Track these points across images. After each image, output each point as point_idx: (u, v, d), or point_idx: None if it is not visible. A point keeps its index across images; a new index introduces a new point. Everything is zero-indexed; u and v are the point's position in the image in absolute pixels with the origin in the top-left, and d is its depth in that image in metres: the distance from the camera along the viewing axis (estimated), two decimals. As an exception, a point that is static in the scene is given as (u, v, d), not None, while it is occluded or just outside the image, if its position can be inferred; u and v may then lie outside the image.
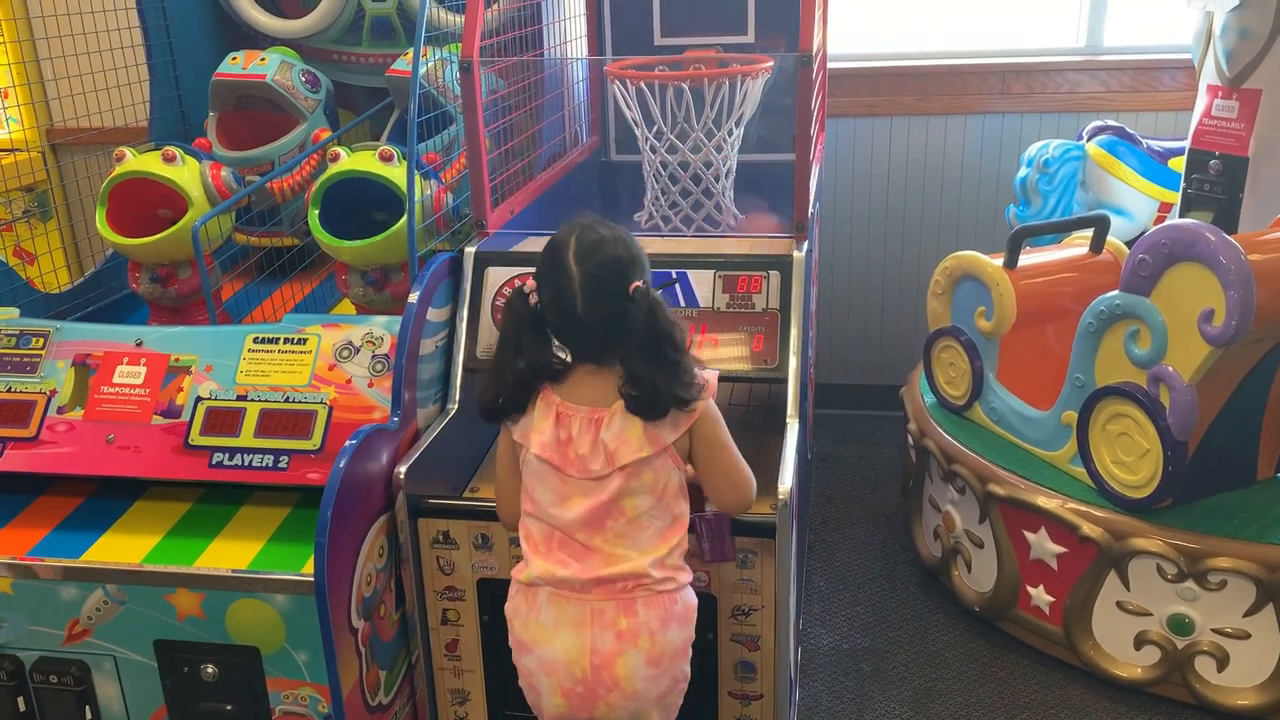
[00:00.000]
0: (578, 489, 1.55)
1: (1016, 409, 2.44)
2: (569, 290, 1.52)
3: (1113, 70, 3.22)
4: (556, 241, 1.56)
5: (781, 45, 2.76)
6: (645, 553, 1.55)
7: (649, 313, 1.52)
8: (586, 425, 1.55)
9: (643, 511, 1.55)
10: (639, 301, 1.52)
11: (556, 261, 1.54)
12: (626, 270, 1.54)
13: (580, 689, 1.54)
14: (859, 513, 3.01)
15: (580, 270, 1.52)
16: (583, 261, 1.53)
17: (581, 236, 1.55)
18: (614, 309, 1.52)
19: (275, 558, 1.79)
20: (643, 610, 1.54)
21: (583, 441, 1.54)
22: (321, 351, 1.99)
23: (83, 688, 1.82)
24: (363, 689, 1.79)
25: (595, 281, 1.52)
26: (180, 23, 2.78)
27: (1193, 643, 2.15)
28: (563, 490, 1.56)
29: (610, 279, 1.53)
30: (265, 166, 2.56)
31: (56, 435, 1.97)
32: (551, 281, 1.55)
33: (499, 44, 2.32)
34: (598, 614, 1.53)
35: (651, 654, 1.54)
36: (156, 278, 2.43)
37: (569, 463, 1.55)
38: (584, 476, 1.54)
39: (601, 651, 1.53)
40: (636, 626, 1.53)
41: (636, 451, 1.53)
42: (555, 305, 1.54)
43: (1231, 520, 2.15)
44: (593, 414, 1.55)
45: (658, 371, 1.51)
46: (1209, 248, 1.97)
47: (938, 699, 2.28)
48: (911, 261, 3.46)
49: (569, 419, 1.56)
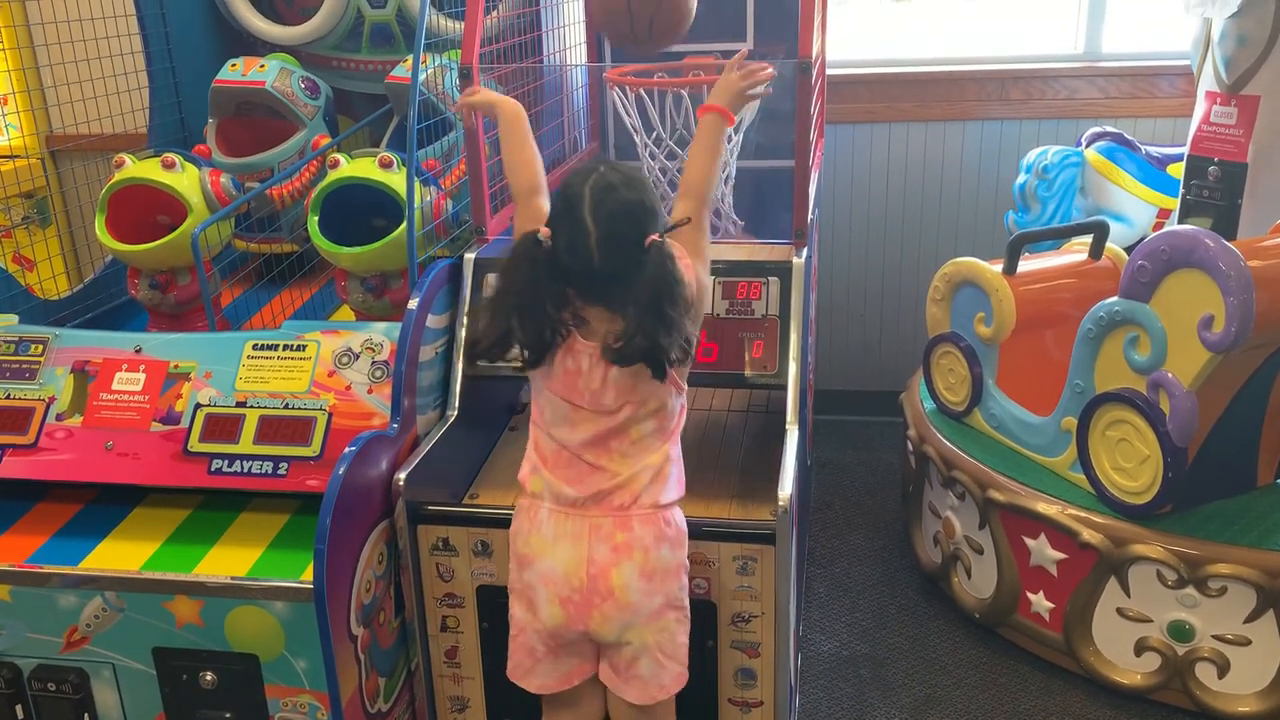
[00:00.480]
0: (588, 417, 1.59)
1: (1016, 415, 2.44)
2: (585, 245, 1.52)
3: (1111, 76, 3.22)
4: (570, 191, 1.56)
5: (780, 52, 2.76)
6: (645, 462, 1.60)
7: (659, 266, 1.52)
8: (596, 360, 1.56)
9: (648, 434, 1.61)
10: (653, 254, 1.52)
11: (572, 215, 1.54)
12: (642, 222, 1.54)
13: (577, 597, 1.59)
14: (859, 519, 3.01)
15: (596, 226, 1.52)
16: (598, 213, 1.52)
17: (595, 185, 1.54)
18: (630, 260, 1.52)
19: (274, 565, 1.78)
20: (638, 526, 1.59)
21: (594, 377, 1.57)
22: (321, 358, 1.98)
23: (81, 695, 1.82)
24: (362, 696, 1.79)
25: (611, 237, 1.52)
26: (180, 29, 2.78)
27: (1193, 649, 2.15)
28: (572, 416, 1.60)
29: (626, 231, 1.53)
30: (265, 173, 2.56)
31: (55, 442, 1.97)
32: (566, 232, 1.54)
33: (498, 50, 2.32)
34: (595, 528, 1.59)
35: (645, 568, 1.59)
36: (156, 284, 2.43)
37: (578, 394, 1.58)
38: (595, 409, 1.59)
39: (598, 562, 1.58)
40: (631, 540, 1.58)
41: (649, 385, 1.57)
42: (570, 254, 1.54)
43: (1231, 526, 2.15)
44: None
45: (648, 327, 1.50)
46: (1208, 254, 1.97)
47: (938, 705, 2.27)
48: (911, 267, 3.46)
49: (579, 353, 1.57)
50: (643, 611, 1.59)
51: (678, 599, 1.64)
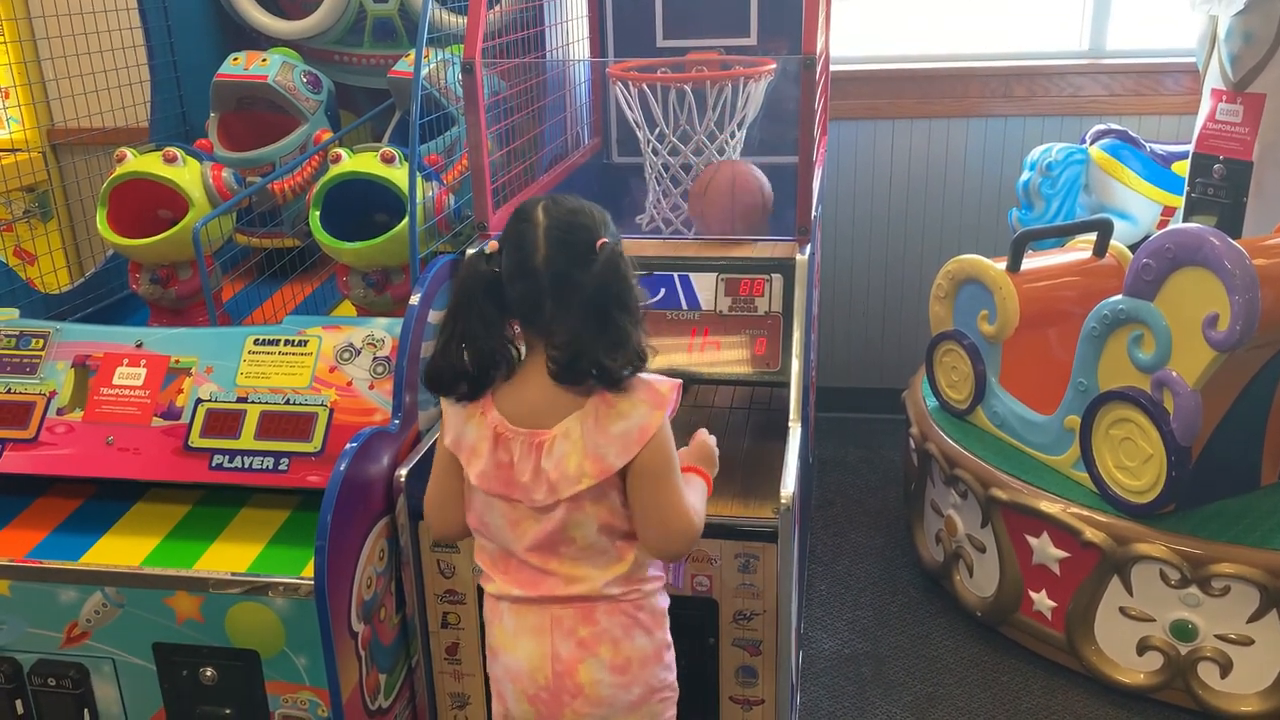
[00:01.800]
0: (528, 515, 1.43)
1: (1019, 413, 2.44)
2: (532, 239, 1.38)
3: (1116, 74, 3.21)
4: (524, 208, 1.44)
5: (784, 48, 2.76)
6: (605, 570, 1.45)
7: (608, 266, 1.38)
8: (527, 450, 1.41)
9: (591, 538, 1.43)
10: (603, 256, 1.38)
11: (523, 213, 1.43)
12: (595, 226, 1.41)
13: (545, 695, 1.46)
14: (860, 517, 3.01)
15: (547, 218, 1.39)
16: (551, 212, 1.40)
17: (554, 195, 1.45)
18: (575, 261, 1.38)
19: (275, 561, 1.78)
20: (604, 619, 1.45)
21: (524, 468, 1.40)
22: (322, 353, 1.98)
23: (81, 690, 1.82)
24: (363, 693, 1.79)
25: (561, 229, 1.39)
26: (181, 23, 2.78)
27: (1196, 649, 2.14)
28: (511, 515, 1.44)
29: (577, 229, 1.40)
30: (266, 168, 2.56)
31: (56, 437, 1.96)
32: (514, 231, 1.42)
33: (501, 45, 2.31)
34: (557, 621, 1.45)
35: (615, 662, 1.45)
36: (157, 279, 2.43)
37: (514, 488, 1.42)
38: (530, 505, 1.42)
39: (563, 658, 1.45)
40: (598, 634, 1.45)
41: (575, 484, 1.39)
42: (514, 256, 1.40)
43: (1235, 526, 2.14)
44: (533, 437, 1.40)
45: (591, 332, 1.36)
46: (1213, 252, 1.96)
47: (939, 704, 2.27)
48: (914, 265, 3.45)
49: (508, 441, 1.42)
50: (619, 705, 1.47)
51: (661, 681, 1.50)
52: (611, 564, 1.45)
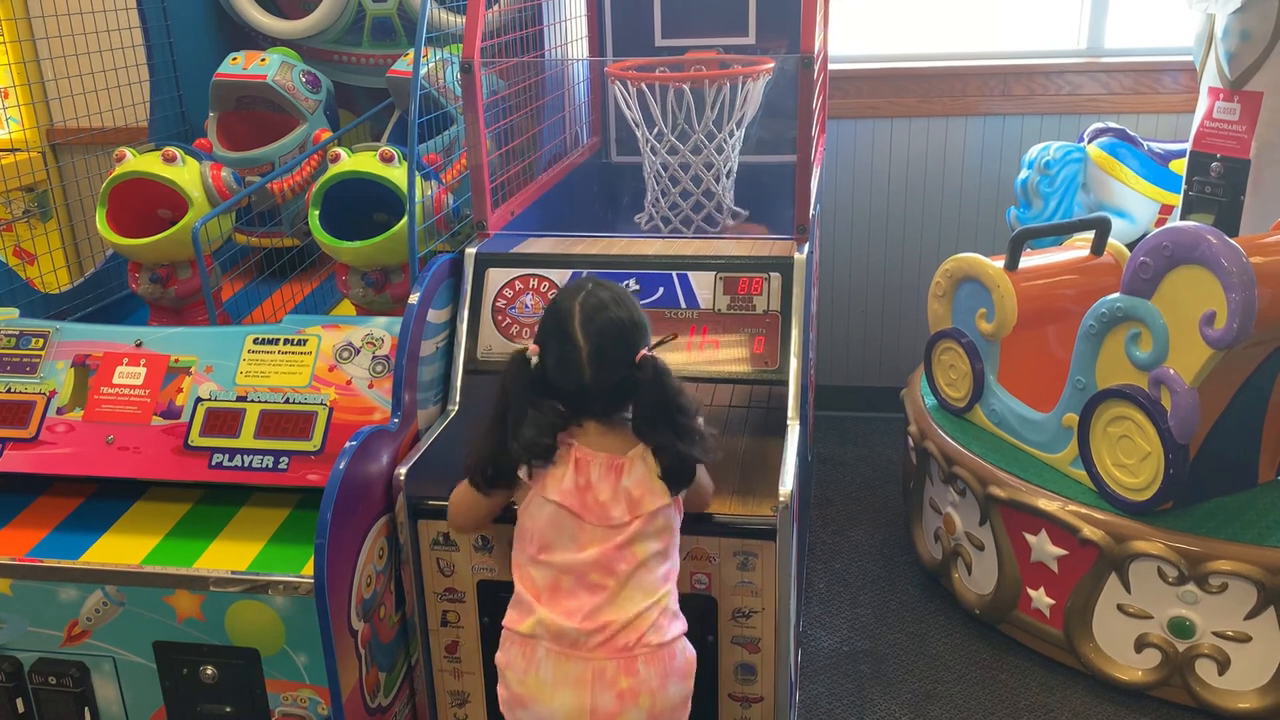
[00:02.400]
0: (593, 535, 1.55)
1: (1017, 411, 2.44)
2: (577, 361, 1.54)
3: (1114, 72, 3.22)
4: (559, 309, 1.58)
5: (782, 47, 2.76)
6: (649, 594, 1.55)
7: (655, 379, 1.55)
8: (606, 472, 1.56)
9: (651, 554, 1.56)
10: (645, 369, 1.55)
11: (561, 329, 1.56)
12: (633, 338, 1.57)
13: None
14: (859, 515, 3.01)
15: (587, 341, 1.54)
16: (588, 329, 1.54)
17: (585, 302, 1.56)
18: (621, 377, 1.55)
19: (275, 559, 1.78)
20: (643, 669, 1.53)
21: (603, 488, 1.55)
22: (321, 352, 1.98)
23: (82, 689, 1.82)
24: (362, 691, 1.79)
25: (602, 352, 1.54)
26: (181, 23, 2.78)
27: (1193, 646, 2.15)
28: (580, 536, 1.56)
29: (617, 347, 1.55)
30: (265, 167, 2.56)
31: (56, 436, 1.96)
32: (556, 350, 1.56)
33: (500, 45, 2.31)
34: (599, 673, 1.52)
35: (652, 712, 1.54)
36: (156, 278, 2.43)
37: (588, 510, 1.55)
38: (602, 524, 1.55)
39: (602, 711, 1.52)
40: (637, 686, 1.53)
41: (660, 499, 1.56)
42: (561, 372, 1.56)
43: (1233, 523, 2.15)
44: (612, 460, 1.56)
45: (677, 439, 1.55)
46: (1211, 250, 1.97)
47: (938, 701, 2.28)
48: (912, 263, 3.45)
49: (587, 465, 1.56)
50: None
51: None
52: (653, 592, 1.56)
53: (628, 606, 1.54)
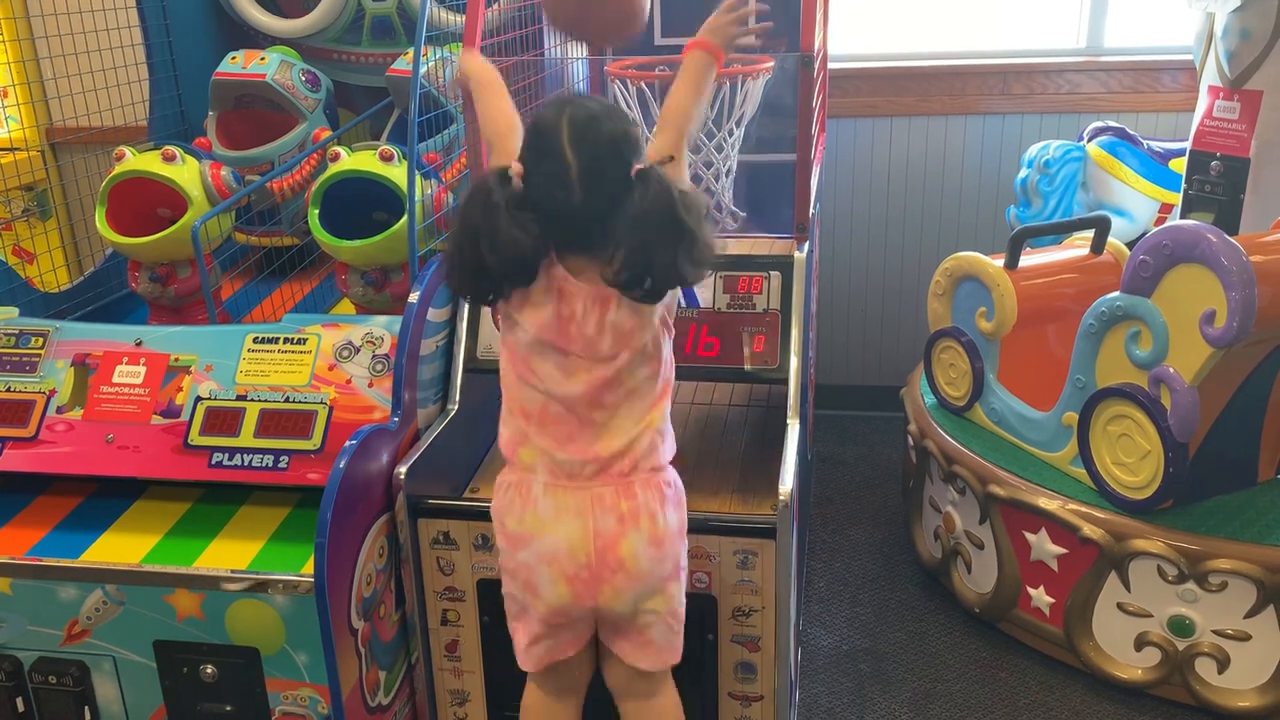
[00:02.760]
0: (581, 365, 1.49)
1: (1017, 410, 2.44)
2: (565, 181, 1.39)
3: (1113, 71, 3.22)
4: (545, 124, 1.42)
5: (782, 46, 2.75)
6: (640, 422, 1.52)
7: (658, 187, 1.40)
8: (592, 304, 1.46)
9: (642, 380, 1.51)
10: (646, 182, 1.40)
11: (547, 146, 1.41)
12: (625, 151, 1.42)
13: (585, 574, 1.50)
14: (859, 514, 3.01)
15: (578, 158, 1.39)
16: (579, 146, 1.39)
17: (574, 116, 1.41)
18: (616, 195, 1.40)
19: (275, 558, 1.79)
20: (640, 492, 1.51)
21: (589, 321, 1.46)
22: (321, 351, 1.98)
23: (82, 688, 1.82)
24: (362, 690, 1.79)
25: (595, 169, 1.39)
26: (180, 22, 2.78)
27: (1193, 644, 2.15)
28: (565, 365, 1.49)
29: (611, 164, 1.41)
30: (265, 166, 2.56)
31: (56, 435, 1.97)
32: (545, 168, 1.41)
33: (499, 43, 2.31)
34: (597, 499, 1.50)
35: (653, 534, 1.52)
36: (156, 277, 2.43)
37: (572, 340, 1.47)
38: (590, 356, 1.48)
39: (604, 534, 1.50)
40: (636, 508, 1.51)
41: (648, 330, 1.49)
42: (548, 194, 1.41)
43: (1232, 522, 2.15)
44: (598, 292, 1.46)
45: (663, 247, 1.39)
46: (1210, 249, 1.97)
47: (938, 700, 2.28)
48: (912, 262, 3.45)
49: (572, 296, 1.46)
50: (654, 579, 1.53)
51: (681, 560, 1.59)
52: (642, 418, 1.52)
53: (618, 436, 1.50)
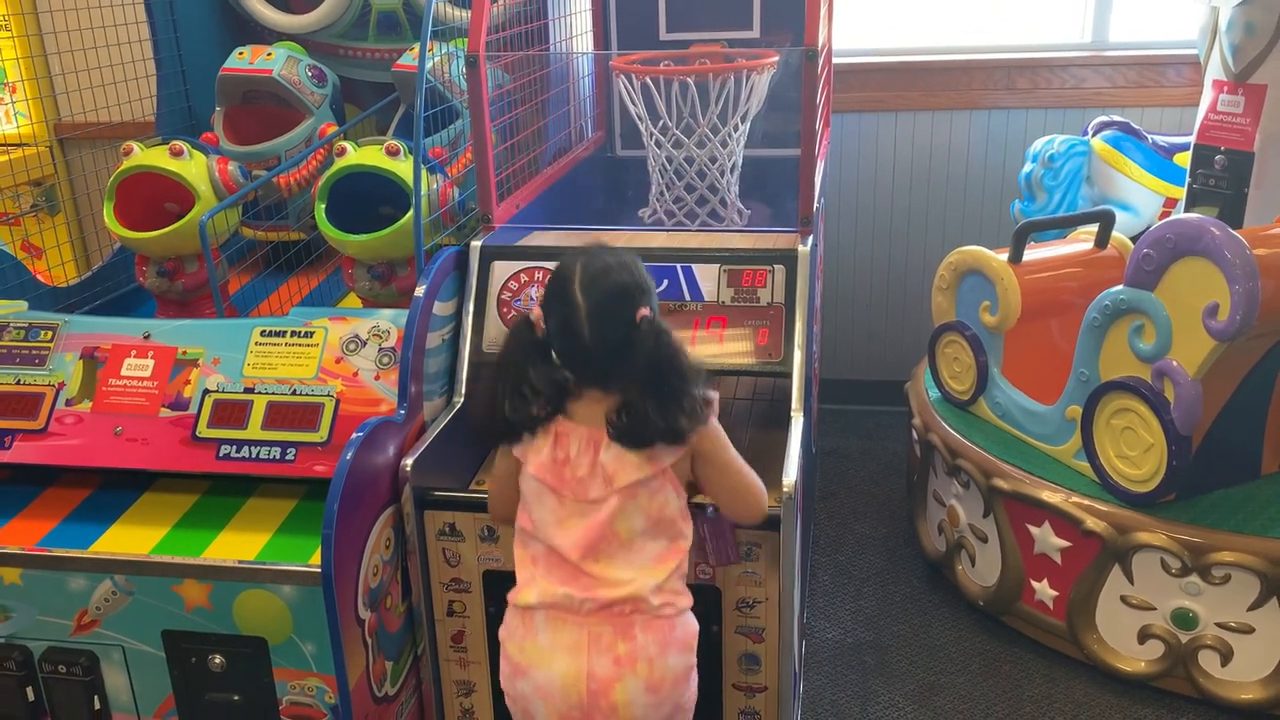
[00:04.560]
0: (574, 511, 1.53)
1: (1021, 404, 2.45)
2: (575, 320, 1.50)
3: (1118, 65, 3.22)
4: (562, 270, 1.55)
5: (787, 40, 2.77)
6: (642, 575, 1.52)
7: (655, 340, 1.50)
8: (585, 446, 1.53)
9: (637, 533, 1.53)
10: (645, 330, 1.50)
11: (562, 291, 1.53)
12: (633, 298, 1.52)
13: (577, 714, 1.51)
14: (863, 507, 3.02)
15: (586, 299, 1.50)
16: (589, 290, 1.51)
17: (587, 265, 1.53)
18: (620, 337, 1.50)
19: (282, 549, 1.80)
20: (640, 635, 1.51)
21: (581, 463, 1.52)
22: (328, 344, 1.99)
23: (91, 678, 1.83)
24: (369, 680, 1.80)
25: (601, 310, 1.50)
26: (187, 18, 2.79)
27: (1196, 637, 2.15)
28: (559, 511, 1.54)
29: (616, 307, 1.51)
30: (272, 161, 2.57)
31: (65, 427, 1.98)
32: (558, 311, 1.53)
33: (505, 39, 2.32)
34: (595, 638, 1.51)
35: (650, 680, 1.51)
36: (164, 271, 2.44)
37: (564, 484, 1.53)
38: (580, 499, 1.52)
39: (599, 677, 1.50)
40: (634, 651, 1.50)
41: (635, 473, 1.51)
42: (561, 334, 1.53)
43: (1236, 514, 2.15)
44: (591, 434, 1.53)
45: (654, 400, 1.48)
46: (1214, 242, 1.97)
47: (941, 693, 2.28)
48: (916, 256, 3.46)
49: (566, 439, 1.53)
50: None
51: (687, 702, 1.59)
52: (644, 569, 1.53)
53: (618, 586, 1.51)
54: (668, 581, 1.54)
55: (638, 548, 1.53)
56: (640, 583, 1.51)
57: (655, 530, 1.54)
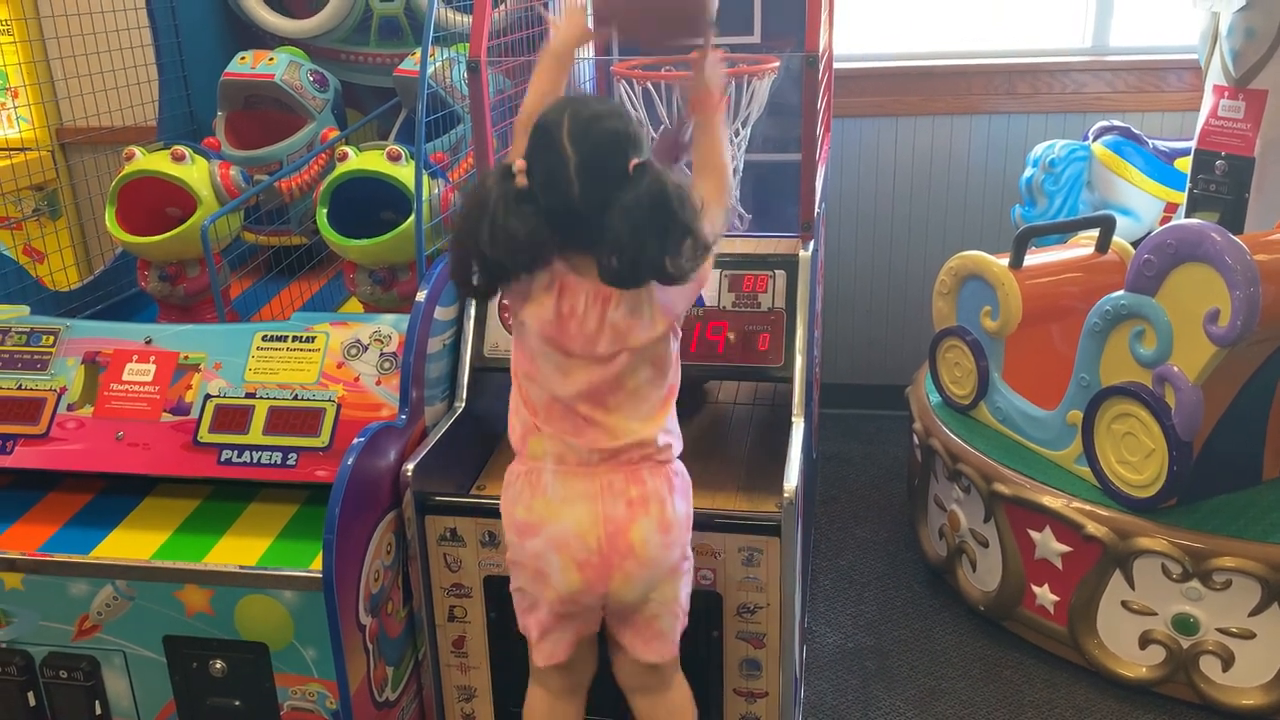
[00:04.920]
0: (580, 365, 1.49)
1: (1022, 409, 2.45)
2: (564, 175, 1.39)
3: (1119, 70, 3.22)
4: (548, 120, 1.42)
5: (788, 46, 2.77)
6: (646, 422, 1.52)
7: (652, 187, 1.39)
8: (593, 300, 1.46)
9: (644, 382, 1.52)
10: (641, 178, 1.39)
11: (549, 141, 1.41)
12: (625, 147, 1.41)
13: (596, 559, 1.50)
14: (864, 512, 3.02)
15: (576, 150, 1.39)
16: (579, 140, 1.39)
17: (576, 113, 1.41)
18: (612, 188, 1.39)
19: (284, 554, 1.80)
20: (649, 479, 1.52)
21: (589, 318, 1.46)
22: (330, 349, 2.00)
23: (92, 683, 1.84)
24: (370, 685, 1.80)
25: (593, 164, 1.39)
26: (189, 22, 2.80)
27: (1197, 642, 2.15)
28: (564, 364, 1.49)
29: (609, 158, 1.40)
30: (273, 165, 2.58)
31: (66, 432, 1.98)
32: (543, 164, 1.41)
33: (506, 44, 2.32)
34: (607, 485, 1.51)
35: (662, 520, 1.52)
36: (165, 276, 2.45)
37: (571, 339, 1.47)
38: (588, 355, 1.48)
39: (614, 519, 1.50)
40: (646, 494, 1.52)
41: (649, 331, 1.48)
42: (548, 188, 1.41)
43: (1237, 520, 2.15)
44: (598, 289, 1.45)
45: (652, 237, 1.38)
46: (1215, 248, 1.97)
47: (942, 698, 2.28)
48: (917, 261, 3.46)
49: (573, 292, 1.46)
50: (664, 566, 1.54)
51: (687, 550, 1.60)
52: (649, 418, 1.53)
53: (624, 434, 1.51)
54: (668, 422, 1.56)
55: (642, 396, 1.52)
56: (643, 430, 1.52)
57: (658, 378, 1.54)
